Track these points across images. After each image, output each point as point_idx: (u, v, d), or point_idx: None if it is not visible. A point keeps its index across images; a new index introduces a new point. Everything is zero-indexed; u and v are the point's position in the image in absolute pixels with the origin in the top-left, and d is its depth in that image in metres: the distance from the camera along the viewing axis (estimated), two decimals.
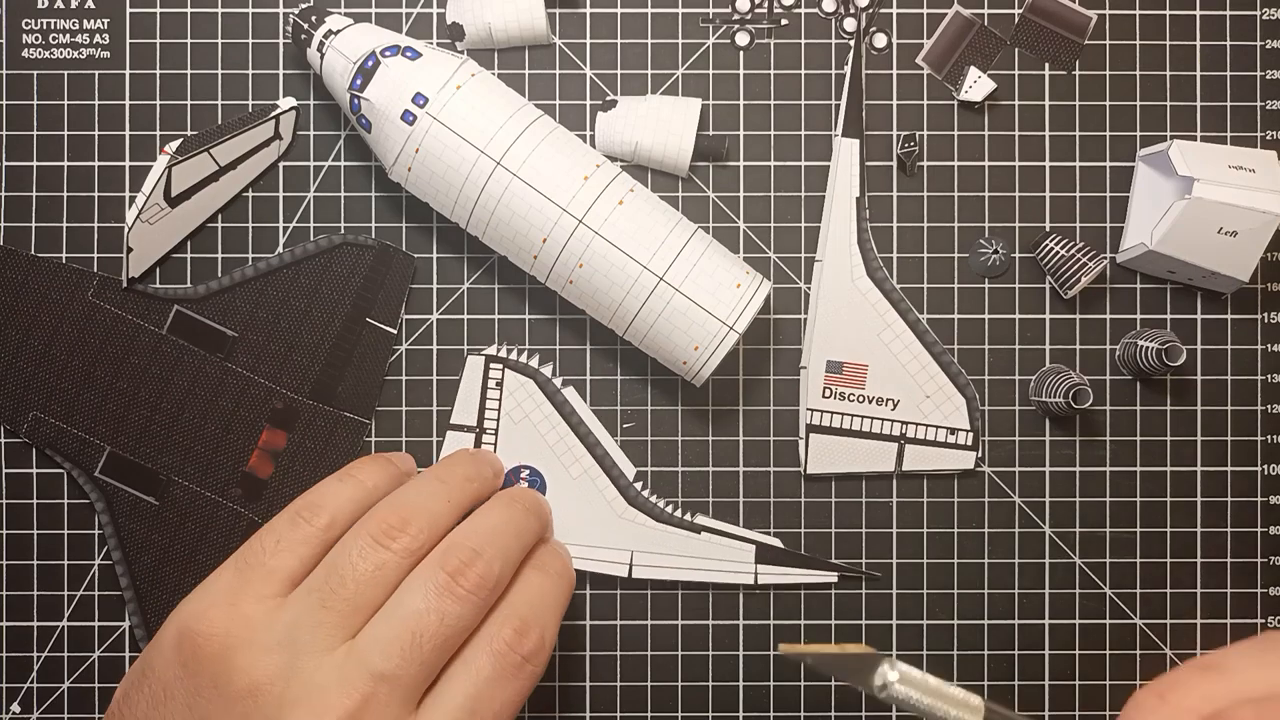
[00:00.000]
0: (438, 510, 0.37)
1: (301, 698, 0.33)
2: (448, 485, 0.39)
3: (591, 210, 0.40)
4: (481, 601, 0.36)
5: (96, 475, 0.44)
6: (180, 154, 0.43)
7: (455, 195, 0.41)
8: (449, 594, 0.35)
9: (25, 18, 0.44)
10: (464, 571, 0.35)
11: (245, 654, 0.34)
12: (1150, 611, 0.45)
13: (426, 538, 0.36)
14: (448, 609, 0.35)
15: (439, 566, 0.35)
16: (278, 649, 0.34)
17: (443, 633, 0.34)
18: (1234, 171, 0.42)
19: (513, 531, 0.38)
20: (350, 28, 0.41)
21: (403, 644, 0.34)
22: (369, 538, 0.36)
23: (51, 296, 0.44)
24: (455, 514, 0.38)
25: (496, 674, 0.35)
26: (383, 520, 0.36)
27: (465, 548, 0.36)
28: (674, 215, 0.42)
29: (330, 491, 0.39)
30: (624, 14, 0.45)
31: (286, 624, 0.35)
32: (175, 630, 0.36)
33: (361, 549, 0.36)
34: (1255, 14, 0.45)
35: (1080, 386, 0.42)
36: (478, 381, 0.45)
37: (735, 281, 0.41)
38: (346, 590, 0.35)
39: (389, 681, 0.33)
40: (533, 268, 0.42)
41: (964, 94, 0.45)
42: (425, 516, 0.37)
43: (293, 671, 0.34)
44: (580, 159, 0.41)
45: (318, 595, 0.35)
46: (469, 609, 0.35)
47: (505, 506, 0.39)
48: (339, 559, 0.36)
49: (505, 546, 0.37)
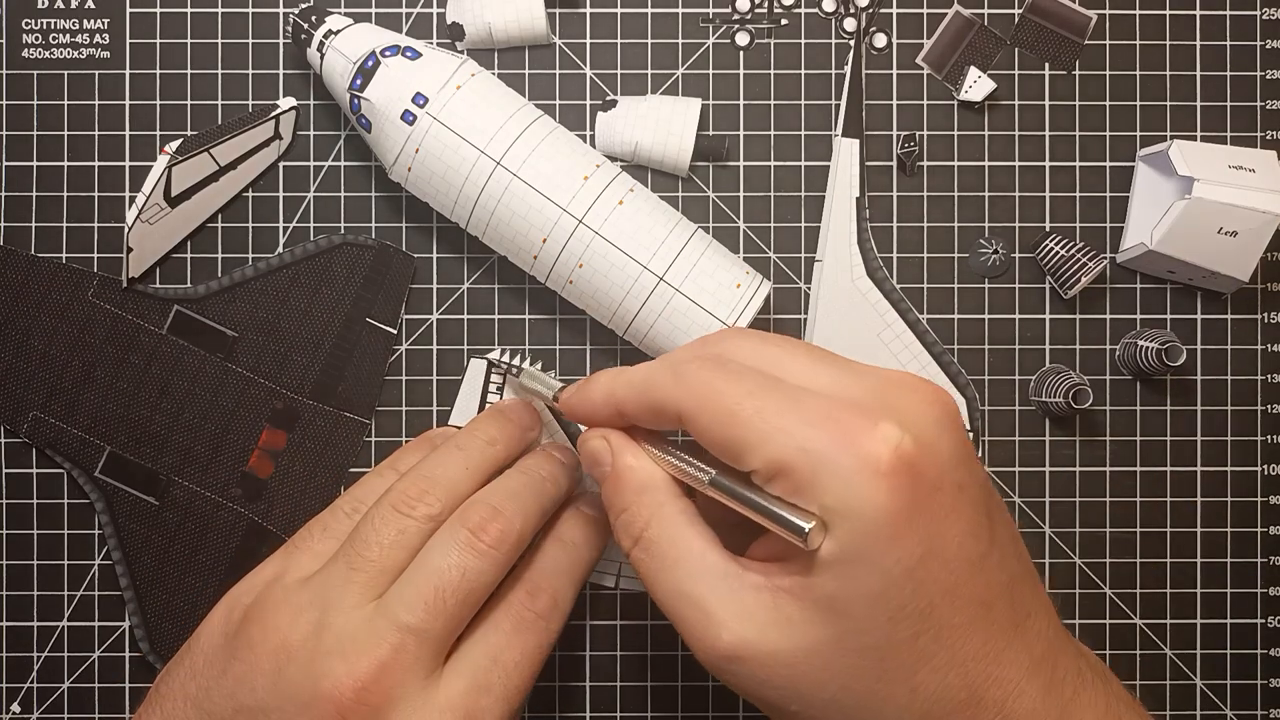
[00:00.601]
0: (456, 477, 0.39)
1: (334, 649, 0.34)
2: (466, 452, 0.40)
3: (591, 210, 0.40)
4: (503, 557, 0.37)
5: (96, 475, 0.44)
6: (180, 154, 0.43)
7: (455, 195, 0.41)
8: (470, 549, 0.36)
9: (25, 18, 0.44)
10: (485, 527, 0.36)
11: (282, 613, 0.36)
12: (1150, 611, 0.45)
13: (445, 504, 0.38)
14: (469, 564, 0.36)
15: (460, 524, 0.37)
16: (309, 607, 0.35)
17: (465, 586, 0.36)
18: (1234, 171, 0.42)
19: (532, 494, 0.39)
20: (350, 28, 0.41)
21: (427, 599, 0.35)
22: (390, 507, 0.37)
23: (51, 296, 0.44)
24: (475, 478, 0.39)
25: (514, 628, 0.37)
26: (403, 492, 0.38)
27: (486, 504, 0.37)
28: (674, 215, 0.42)
29: (369, 486, 0.40)
30: (624, 14, 0.45)
31: (317, 586, 0.36)
32: (222, 605, 0.38)
33: (384, 516, 0.37)
34: (1255, 14, 0.45)
35: (1080, 386, 0.42)
36: (478, 385, 0.45)
37: (735, 281, 0.41)
38: (371, 553, 0.36)
39: (416, 634, 0.35)
40: (533, 268, 0.42)
41: (964, 94, 0.45)
42: (444, 484, 0.38)
43: (324, 626, 0.35)
44: (580, 159, 0.41)
45: (344, 560, 0.36)
46: (489, 564, 0.36)
47: (525, 472, 0.40)
48: (364, 528, 0.37)
49: (525, 506, 0.38)
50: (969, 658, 0.31)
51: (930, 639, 0.31)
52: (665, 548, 0.34)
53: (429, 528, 0.37)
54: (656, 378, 0.35)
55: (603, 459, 0.36)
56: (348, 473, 0.44)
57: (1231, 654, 0.45)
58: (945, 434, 0.31)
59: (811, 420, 0.31)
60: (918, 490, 0.30)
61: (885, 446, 0.30)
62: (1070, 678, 0.33)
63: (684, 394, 0.33)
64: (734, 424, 0.32)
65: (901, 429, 0.30)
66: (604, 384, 0.37)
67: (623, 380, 0.36)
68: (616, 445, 0.36)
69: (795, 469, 0.31)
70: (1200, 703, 0.45)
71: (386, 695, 0.34)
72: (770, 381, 0.32)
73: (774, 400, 0.32)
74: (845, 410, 0.31)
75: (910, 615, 0.30)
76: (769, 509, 0.31)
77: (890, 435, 0.30)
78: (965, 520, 0.31)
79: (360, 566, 0.36)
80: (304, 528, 0.39)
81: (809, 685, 0.31)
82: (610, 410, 0.36)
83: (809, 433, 0.31)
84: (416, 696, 0.34)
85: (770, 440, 0.31)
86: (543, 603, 0.38)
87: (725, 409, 0.32)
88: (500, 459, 0.40)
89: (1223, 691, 0.45)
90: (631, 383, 0.36)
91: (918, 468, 0.30)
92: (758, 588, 0.32)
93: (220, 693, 0.35)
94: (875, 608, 0.30)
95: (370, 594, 0.36)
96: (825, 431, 0.31)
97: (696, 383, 0.33)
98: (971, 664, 0.31)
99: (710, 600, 0.32)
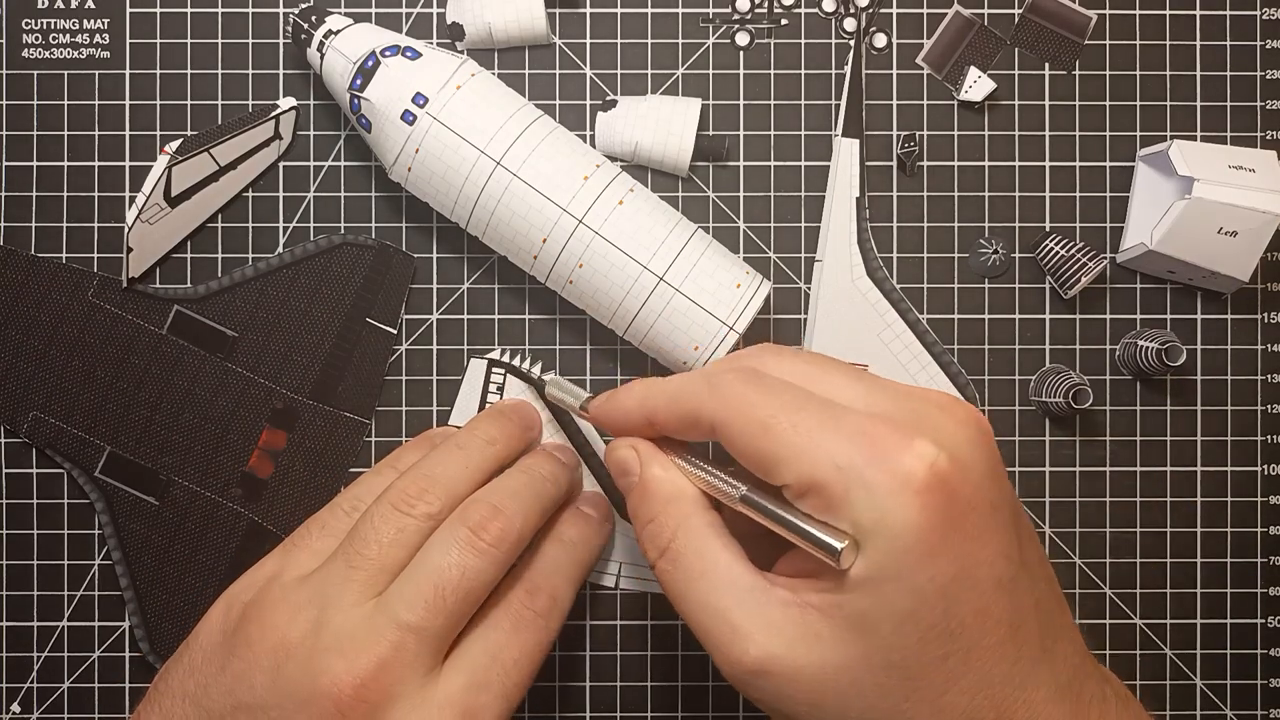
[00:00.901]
0: (456, 476, 0.39)
1: (333, 646, 0.34)
2: (466, 450, 0.40)
3: (591, 210, 0.40)
4: (503, 556, 0.37)
5: (96, 475, 0.44)
6: (180, 154, 0.43)
7: (455, 195, 0.41)
8: (470, 548, 0.36)
9: (25, 18, 0.44)
10: (485, 526, 0.36)
11: (281, 610, 0.36)
12: (1150, 611, 0.45)
13: (444, 503, 0.38)
14: (469, 563, 0.36)
15: (460, 523, 0.37)
16: (308, 605, 0.35)
17: (464, 585, 0.36)
18: (1234, 171, 0.42)
19: (532, 494, 0.39)
20: (350, 28, 0.41)
21: (426, 597, 0.35)
22: (389, 505, 0.37)
23: (51, 296, 0.44)
24: (474, 478, 0.39)
25: (513, 626, 0.37)
26: (403, 490, 0.38)
27: (486, 503, 0.37)
28: (674, 215, 0.42)
29: (368, 484, 0.40)
30: (624, 14, 0.45)
31: (316, 584, 0.36)
32: (221, 603, 0.38)
33: (384, 514, 0.37)
34: (1255, 14, 0.45)
35: (1080, 386, 0.42)
36: (478, 385, 0.45)
37: (735, 281, 0.41)
38: (370, 551, 0.36)
39: (416, 632, 0.35)
40: (533, 268, 0.42)
41: (964, 94, 0.45)
42: (444, 483, 0.38)
43: (323, 624, 0.35)
44: (580, 159, 0.41)
45: (344, 558, 0.36)
46: (489, 563, 0.36)
47: (524, 474, 0.40)
48: (363, 526, 0.37)
49: (525, 506, 0.38)
50: (997, 680, 0.31)
51: (959, 660, 0.30)
52: (692, 560, 0.34)
53: (428, 526, 0.37)
54: (690, 388, 0.34)
55: (630, 468, 0.36)
56: (348, 473, 0.44)
57: (1231, 654, 0.45)
58: (979, 453, 0.31)
59: (846, 436, 0.31)
60: (952, 509, 0.30)
61: (920, 463, 0.30)
62: (1095, 703, 0.32)
63: (718, 405, 0.33)
64: (767, 437, 0.32)
65: (937, 447, 0.30)
66: (637, 393, 0.36)
67: (656, 389, 0.36)
68: (645, 455, 0.36)
69: (828, 485, 0.30)
70: (1200, 703, 0.45)
71: (386, 692, 0.34)
72: (805, 396, 0.32)
73: (808, 415, 0.31)
74: (880, 426, 0.31)
75: (940, 635, 0.30)
76: (802, 528, 0.31)
77: (925, 452, 0.30)
78: (997, 541, 0.31)
79: (359, 565, 0.36)
80: (303, 525, 0.39)
81: (835, 702, 0.31)
82: (641, 419, 0.36)
83: (843, 448, 0.30)
84: (416, 694, 0.34)
85: (804, 455, 0.31)
86: (542, 602, 0.38)
87: (759, 422, 0.32)
88: (500, 458, 0.40)
89: (1223, 691, 0.45)
90: (665, 392, 0.35)
91: (952, 486, 0.30)
92: (786, 603, 0.32)
93: (219, 690, 0.35)
94: (905, 626, 0.30)
95: (370, 592, 0.36)
96: (859, 447, 0.30)
97: (731, 394, 0.33)
98: (999, 687, 0.31)
99: (737, 614, 0.32)
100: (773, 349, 0.36)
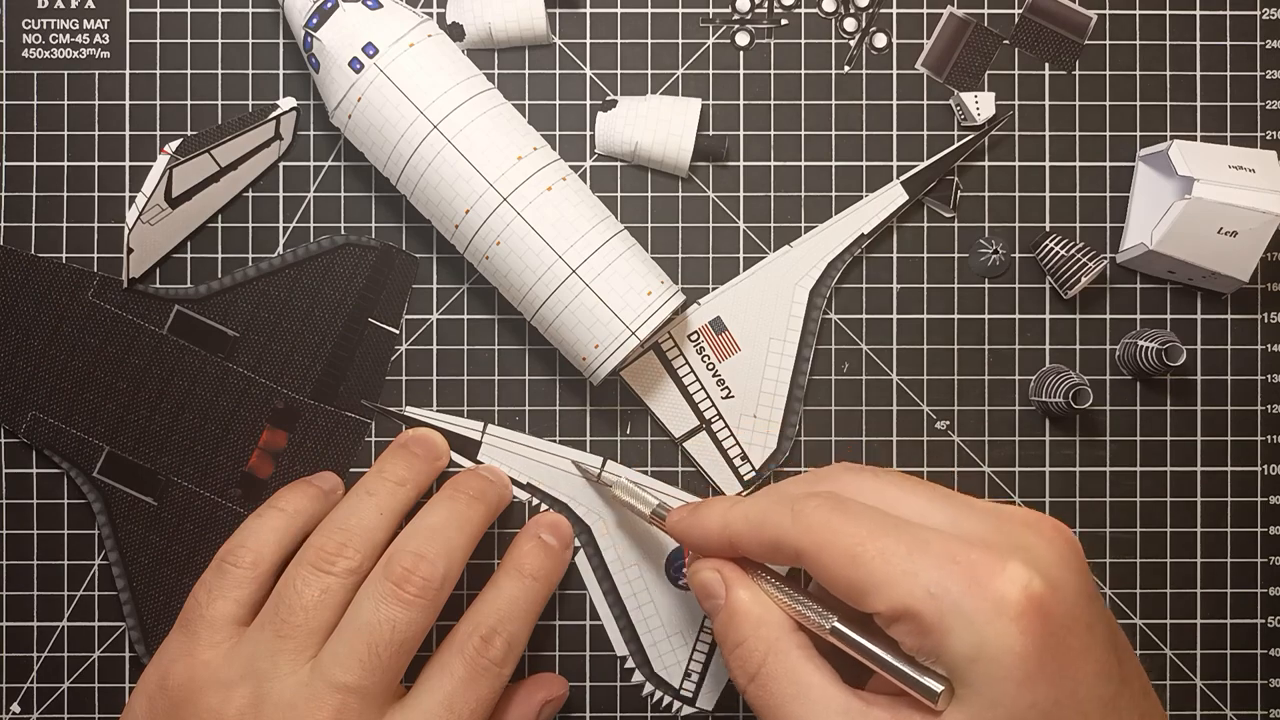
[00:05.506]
0: (371, 525, 0.38)
1: (276, 719, 0.34)
2: (376, 497, 0.39)
3: (518, 191, 0.40)
4: (430, 603, 0.37)
5: (95, 475, 0.44)
6: (180, 154, 0.43)
7: (389, 150, 0.40)
8: (397, 601, 0.36)
9: (25, 18, 0.44)
10: (408, 578, 0.36)
11: (212, 693, 0.35)
12: (1150, 611, 0.45)
13: (364, 555, 0.38)
14: (398, 616, 0.36)
15: (384, 577, 0.37)
16: (241, 681, 0.35)
17: (397, 639, 0.36)
18: (1234, 171, 0.42)
19: (455, 526, 0.39)
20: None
21: (360, 656, 0.35)
22: (309, 566, 0.37)
23: (51, 296, 0.44)
24: (390, 523, 0.39)
25: (469, 675, 0.37)
26: (320, 548, 0.37)
27: (407, 554, 0.37)
28: (601, 211, 0.41)
29: (251, 530, 0.40)
30: (624, 14, 0.45)
31: (246, 658, 0.36)
32: (143, 696, 0.37)
33: (304, 578, 0.37)
34: (1255, 14, 0.45)
35: (1080, 386, 0.42)
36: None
37: (648, 289, 0.41)
38: (297, 618, 0.36)
39: (356, 692, 0.35)
40: (453, 237, 0.41)
41: (972, 120, 0.44)
42: (360, 535, 0.38)
43: (261, 698, 0.35)
44: (518, 138, 0.41)
45: (271, 627, 0.36)
46: (418, 613, 0.36)
47: (446, 502, 0.40)
48: (285, 591, 0.37)
49: (448, 543, 0.38)
50: None
51: None
52: (784, 684, 0.33)
53: (352, 582, 0.37)
54: (773, 516, 0.34)
55: (715, 591, 0.36)
56: (348, 473, 0.44)
57: (1231, 654, 0.45)
58: (1071, 572, 0.31)
59: (936, 563, 0.30)
60: (1049, 632, 0.30)
61: (1014, 587, 0.30)
62: None
63: (802, 533, 0.33)
64: (856, 566, 0.31)
65: (1029, 569, 0.30)
66: (718, 514, 0.36)
67: (738, 513, 0.35)
68: (730, 578, 0.36)
69: (922, 613, 0.30)
70: (1200, 703, 0.45)
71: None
72: (891, 521, 0.32)
73: (896, 541, 0.31)
74: (971, 551, 0.30)
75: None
76: (898, 668, 0.31)
77: (1019, 576, 0.30)
78: (1096, 660, 0.30)
79: (288, 634, 0.36)
80: (189, 599, 0.39)
81: None
82: (723, 542, 0.36)
83: (935, 576, 0.30)
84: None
85: (895, 584, 0.30)
86: (497, 649, 0.37)
87: (847, 551, 0.31)
88: (412, 498, 0.40)
89: (1223, 691, 0.45)
90: (747, 517, 0.35)
91: (1047, 608, 0.30)
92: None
93: None
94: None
95: (302, 657, 0.35)
96: (951, 574, 0.30)
97: (815, 523, 0.32)
98: None
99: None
100: (850, 469, 0.35)
